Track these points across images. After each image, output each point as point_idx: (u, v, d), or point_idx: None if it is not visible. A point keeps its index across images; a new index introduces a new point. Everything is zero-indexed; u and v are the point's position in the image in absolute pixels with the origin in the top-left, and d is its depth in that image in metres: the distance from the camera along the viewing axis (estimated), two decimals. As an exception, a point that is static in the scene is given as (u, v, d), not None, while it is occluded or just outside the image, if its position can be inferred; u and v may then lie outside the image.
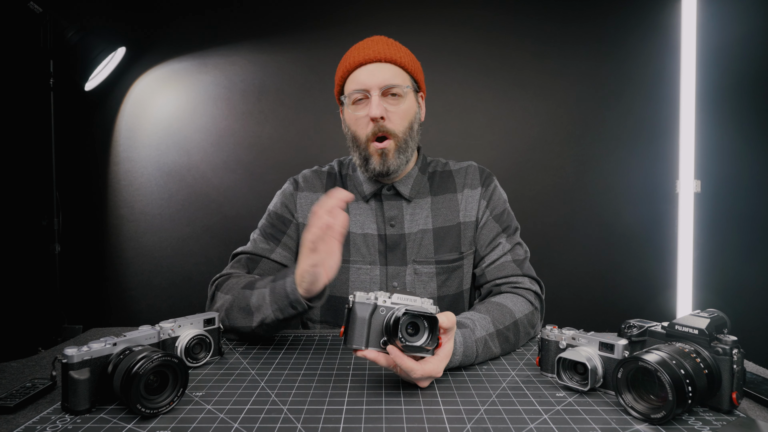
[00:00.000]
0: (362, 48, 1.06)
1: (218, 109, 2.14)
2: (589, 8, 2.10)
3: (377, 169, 1.05)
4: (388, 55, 1.04)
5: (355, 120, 1.05)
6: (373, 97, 1.02)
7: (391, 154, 1.04)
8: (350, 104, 1.06)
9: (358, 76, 1.04)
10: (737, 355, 0.64)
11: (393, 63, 1.05)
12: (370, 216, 1.12)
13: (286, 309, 0.87)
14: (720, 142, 2.05)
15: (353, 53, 1.06)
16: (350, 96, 1.05)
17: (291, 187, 1.17)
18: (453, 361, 0.80)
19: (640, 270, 2.11)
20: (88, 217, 2.15)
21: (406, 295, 0.74)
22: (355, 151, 1.08)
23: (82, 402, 0.66)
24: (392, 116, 1.03)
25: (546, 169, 2.13)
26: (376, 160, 1.05)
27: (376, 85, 1.02)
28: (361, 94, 1.03)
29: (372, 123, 1.03)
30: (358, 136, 1.06)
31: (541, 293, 1.05)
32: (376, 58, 1.03)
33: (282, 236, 1.12)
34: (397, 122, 1.04)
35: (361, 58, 1.04)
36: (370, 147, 1.05)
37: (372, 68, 1.03)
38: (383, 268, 1.10)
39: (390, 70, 1.04)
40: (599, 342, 0.74)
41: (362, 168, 1.08)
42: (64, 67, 1.96)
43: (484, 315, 0.90)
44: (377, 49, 1.04)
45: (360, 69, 1.04)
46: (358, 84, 1.04)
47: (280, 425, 0.63)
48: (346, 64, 1.06)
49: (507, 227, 1.12)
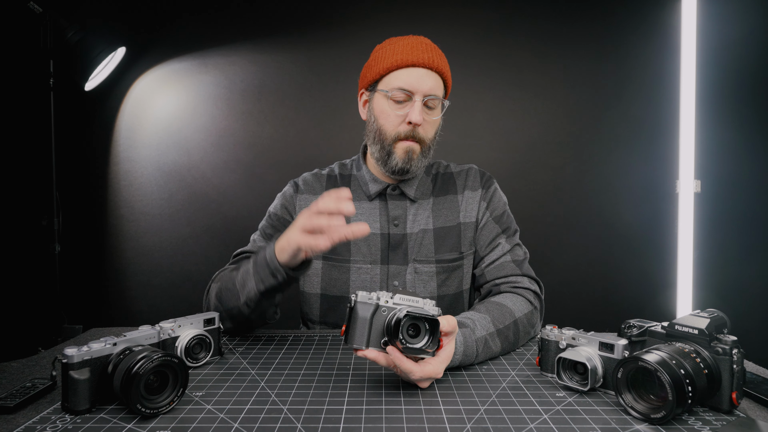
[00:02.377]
0: (414, 48, 1.04)
1: (218, 109, 2.14)
2: (589, 8, 2.10)
3: (399, 166, 1.05)
4: (439, 65, 1.04)
5: (389, 115, 1.05)
6: (417, 102, 1.02)
7: (416, 155, 1.05)
8: (387, 99, 1.05)
9: (406, 76, 1.03)
10: (737, 355, 0.64)
11: (439, 73, 1.05)
12: (374, 215, 1.12)
13: (267, 278, 0.88)
14: (720, 142, 2.05)
15: (404, 49, 1.04)
16: (392, 92, 1.03)
17: (291, 189, 1.18)
18: (453, 361, 0.80)
19: (640, 270, 2.11)
20: (88, 217, 2.15)
21: (408, 295, 0.74)
22: (376, 144, 1.07)
23: (82, 402, 0.66)
24: (425, 125, 1.04)
25: (546, 169, 2.13)
26: (400, 156, 1.05)
27: (422, 91, 1.02)
28: (404, 95, 1.03)
29: (406, 125, 1.03)
30: (386, 131, 1.05)
31: (541, 293, 1.06)
32: (428, 64, 1.03)
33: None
34: (429, 130, 1.06)
35: (414, 58, 1.02)
36: (397, 144, 1.05)
37: (422, 73, 1.03)
38: (384, 267, 1.10)
39: (436, 80, 1.04)
40: (599, 342, 0.74)
41: (380, 162, 1.08)
42: (64, 67, 1.96)
43: (484, 315, 0.91)
44: (431, 56, 1.03)
45: (410, 69, 1.03)
46: (406, 84, 1.02)
47: (280, 425, 0.63)
48: (396, 58, 1.04)
49: (507, 228, 1.13)
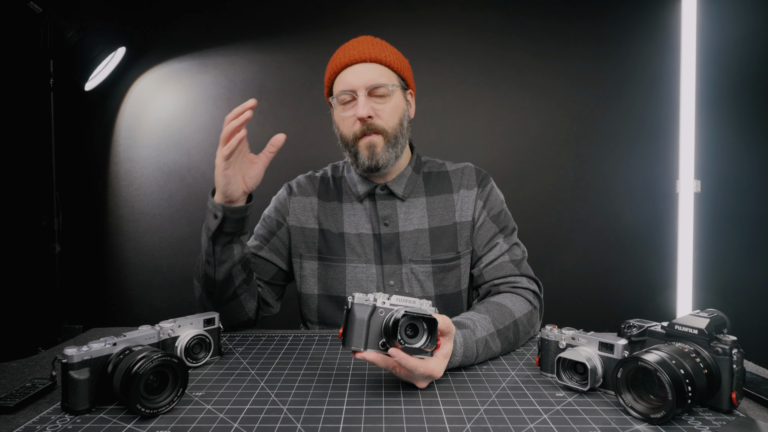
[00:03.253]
0: (348, 49, 1.07)
1: (218, 109, 2.14)
2: (589, 8, 2.10)
3: (366, 164, 1.06)
4: (373, 54, 1.05)
5: (343, 120, 1.07)
6: (360, 97, 1.03)
7: (379, 148, 1.05)
8: (338, 105, 1.07)
9: (345, 77, 1.05)
10: (737, 355, 0.64)
11: (378, 62, 1.06)
12: (364, 216, 1.13)
13: (210, 222, 0.93)
14: (720, 142, 2.05)
15: (339, 54, 1.08)
16: (338, 97, 1.06)
17: (285, 193, 1.20)
18: (453, 362, 0.80)
19: (640, 270, 2.11)
20: (88, 217, 2.15)
21: (405, 296, 0.74)
22: (346, 150, 1.10)
23: (82, 402, 0.66)
24: (381, 113, 1.05)
25: (546, 169, 2.13)
26: (364, 154, 1.05)
27: (362, 85, 1.03)
28: (349, 95, 1.05)
29: (359, 122, 1.04)
30: (345, 135, 1.08)
31: (540, 292, 1.05)
32: (361, 59, 1.04)
33: (271, 237, 1.15)
34: (387, 119, 1.06)
35: (347, 59, 1.05)
36: (359, 143, 1.06)
37: (358, 69, 1.04)
38: (379, 267, 1.10)
39: (376, 69, 1.05)
40: (599, 342, 0.74)
41: (354, 165, 1.10)
42: (64, 67, 1.96)
43: (484, 315, 0.90)
44: (362, 50, 1.05)
45: (346, 70, 1.06)
46: (345, 85, 1.05)
47: (280, 425, 0.63)
48: (333, 66, 1.08)
49: (504, 227, 1.12)
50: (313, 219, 1.15)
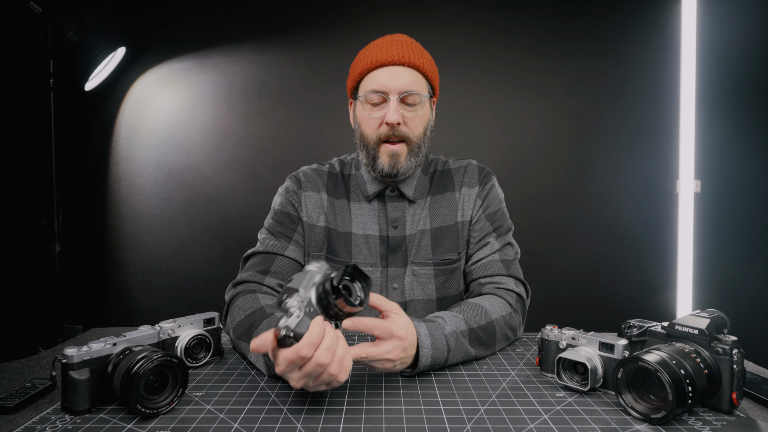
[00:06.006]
0: (385, 47, 1.02)
1: (218, 109, 2.14)
2: (589, 8, 2.10)
3: (385, 170, 1.03)
4: (411, 59, 1.00)
5: (368, 120, 1.03)
6: (392, 101, 0.99)
7: (402, 157, 1.02)
8: (365, 103, 1.03)
9: (378, 77, 1.00)
10: (737, 355, 0.64)
11: (415, 68, 1.01)
12: (373, 217, 1.10)
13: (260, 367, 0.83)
14: (720, 142, 2.05)
15: (375, 51, 1.02)
16: (367, 96, 1.02)
17: (294, 185, 1.13)
18: (424, 354, 0.78)
19: (640, 270, 2.11)
20: (88, 217, 2.15)
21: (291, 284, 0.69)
22: (362, 149, 1.06)
23: (82, 402, 0.66)
24: (409, 121, 1.02)
25: (546, 169, 2.13)
26: (384, 161, 1.02)
27: (396, 89, 0.99)
28: (380, 96, 1.00)
29: (386, 126, 1.01)
30: (367, 136, 1.04)
31: (526, 297, 1.03)
32: (398, 61, 1.00)
33: (293, 233, 1.08)
34: (413, 127, 1.02)
35: (384, 58, 1.00)
36: (380, 148, 1.03)
37: (393, 71, 1.00)
38: (384, 270, 1.09)
39: (411, 75, 1.01)
40: (599, 342, 0.74)
41: (368, 167, 1.06)
42: (64, 67, 1.96)
43: (455, 314, 0.89)
44: (401, 52, 1.00)
45: (381, 69, 1.01)
46: (378, 85, 1.00)
47: (280, 425, 0.63)
48: (367, 61, 1.02)
49: (499, 227, 1.10)
50: (322, 217, 1.11)
